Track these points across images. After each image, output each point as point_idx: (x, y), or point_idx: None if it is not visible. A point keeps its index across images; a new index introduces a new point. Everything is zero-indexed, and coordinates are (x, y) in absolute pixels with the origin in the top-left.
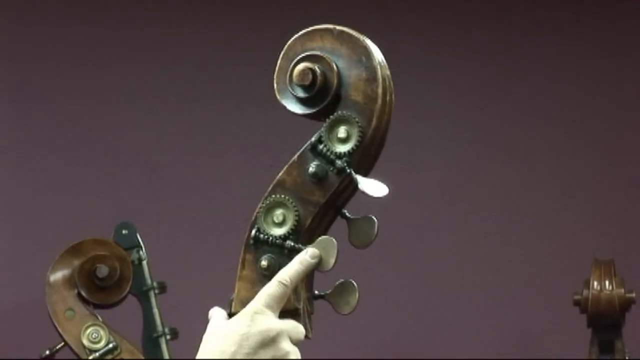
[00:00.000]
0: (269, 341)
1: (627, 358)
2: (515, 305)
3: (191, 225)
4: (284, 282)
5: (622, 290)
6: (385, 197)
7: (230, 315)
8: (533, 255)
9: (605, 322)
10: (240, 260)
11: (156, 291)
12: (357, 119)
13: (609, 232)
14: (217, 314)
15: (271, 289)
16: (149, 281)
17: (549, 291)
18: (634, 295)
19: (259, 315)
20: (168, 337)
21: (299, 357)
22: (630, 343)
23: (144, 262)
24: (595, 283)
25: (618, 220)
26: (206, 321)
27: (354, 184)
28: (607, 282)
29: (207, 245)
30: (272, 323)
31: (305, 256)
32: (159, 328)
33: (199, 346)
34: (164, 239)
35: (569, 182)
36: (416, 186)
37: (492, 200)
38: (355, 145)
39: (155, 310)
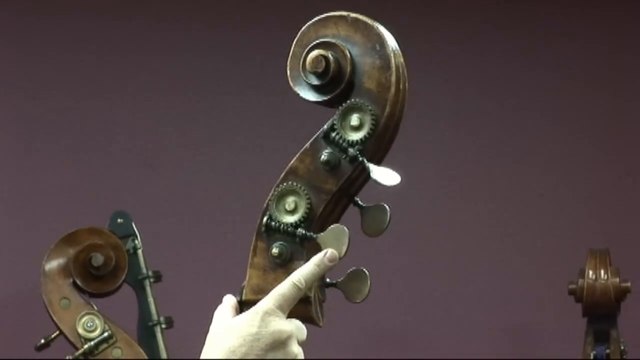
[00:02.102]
0: (280, 343)
1: (622, 348)
2: (510, 294)
3: (187, 214)
4: (299, 284)
5: (618, 280)
6: (397, 185)
7: (241, 303)
8: (529, 244)
9: (600, 311)
10: (252, 248)
11: (151, 280)
12: (370, 107)
13: (605, 221)
14: (225, 306)
15: (284, 289)
16: (144, 270)
17: (545, 281)
18: (629, 284)
19: (270, 317)
20: (163, 326)
21: (303, 358)
22: (626, 333)
23: (139, 251)
24: (591, 272)
25: (613, 210)
26: (201, 310)
27: (367, 172)
28: (602, 272)
29: (203, 234)
30: (284, 325)
31: (323, 258)
32: (154, 317)
33: (194, 335)
34: (159, 227)
35: (564, 172)
36: (415, 174)
37: (489, 191)
38: (368, 134)
39: (151, 299)
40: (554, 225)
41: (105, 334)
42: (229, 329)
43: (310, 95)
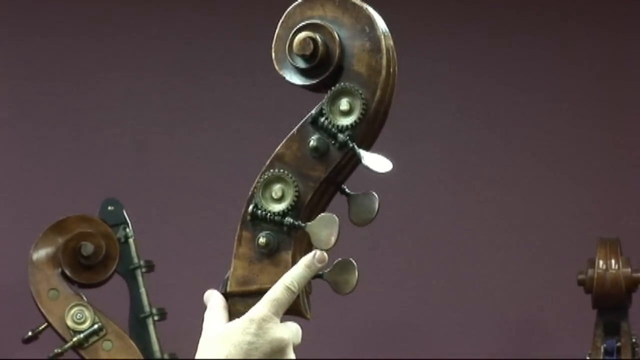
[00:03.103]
0: (278, 351)
1: (634, 340)
2: (519, 285)
3: (180, 202)
4: (292, 287)
5: (629, 270)
6: (388, 172)
7: (225, 295)
8: (537, 234)
9: (610, 303)
10: (237, 237)
11: (143, 270)
12: (360, 91)
13: (615, 211)
14: (216, 307)
15: (278, 294)
16: (136, 260)
17: (553, 271)
18: None
19: (267, 324)
20: (156, 317)
21: None
22: (637, 325)
23: (131, 240)
24: (601, 262)
25: (624, 199)
26: (194, 301)
27: (357, 158)
28: (612, 262)
29: (196, 222)
30: (282, 333)
31: (313, 260)
32: (147, 308)
33: (187, 327)
34: (152, 215)
35: (573, 160)
36: (416, 162)
37: (495, 179)
38: (359, 118)
39: (143, 290)
40: (563, 214)
41: (95, 326)
42: (224, 336)
43: (296, 79)
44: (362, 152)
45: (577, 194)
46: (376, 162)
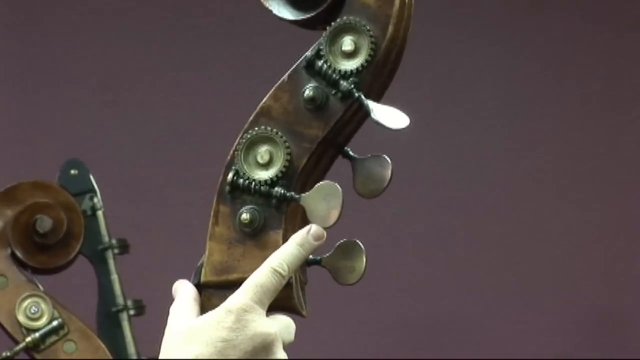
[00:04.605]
0: (262, 349)
1: None
2: (589, 278)
3: (159, 167)
4: (281, 271)
5: None
6: (405, 129)
7: (199, 286)
8: (610, 222)
9: None
10: (213, 214)
11: (115, 251)
12: (367, 27)
13: None
14: (184, 299)
15: (262, 278)
16: (106, 238)
17: (629, 263)
18: None
19: (248, 315)
20: (131, 312)
21: None
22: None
23: (100, 213)
24: None
25: None
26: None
27: (365, 112)
28: None
29: (182, 190)
30: (266, 326)
31: (307, 236)
32: (119, 300)
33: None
34: (125, 181)
35: None
36: (447, 118)
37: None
38: (366, 61)
39: (115, 277)
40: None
41: (55, 323)
42: (193, 332)
43: (287, 13)
44: (371, 104)
45: None
46: (389, 116)
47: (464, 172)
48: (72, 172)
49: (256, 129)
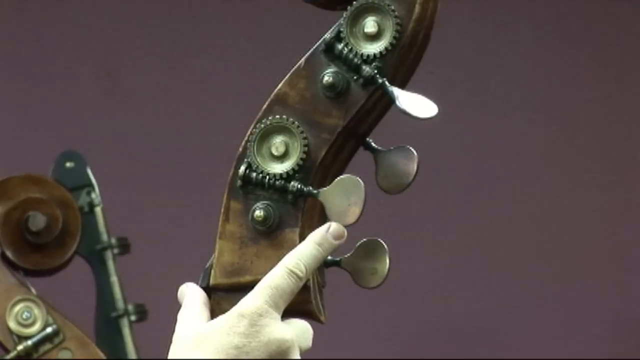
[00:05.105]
0: (276, 357)
1: None
2: (624, 279)
3: (163, 159)
4: (298, 272)
5: None
6: (432, 120)
7: (208, 289)
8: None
9: None
10: (223, 210)
11: (115, 251)
12: (392, 7)
13: None
14: (193, 304)
15: (278, 280)
16: (105, 236)
17: None
18: None
19: (263, 319)
20: (133, 317)
21: None
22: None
23: (98, 209)
24: None
25: None
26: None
27: (389, 99)
28: None
29: (185, 187)
30: (281, 332)
31: (326, 235)
32: (120, 304)
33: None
34: (126, 175)
35: None
36: (479, 106)
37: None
38: (390, 44)
39: (114, 279)
40: None
41: (49, 330)
42: (202, 339)
43: None
44: (396, 91)
45: None
46: (416, 104)
47: (494, 166)
48: (68, 164)
49: (270, 118)
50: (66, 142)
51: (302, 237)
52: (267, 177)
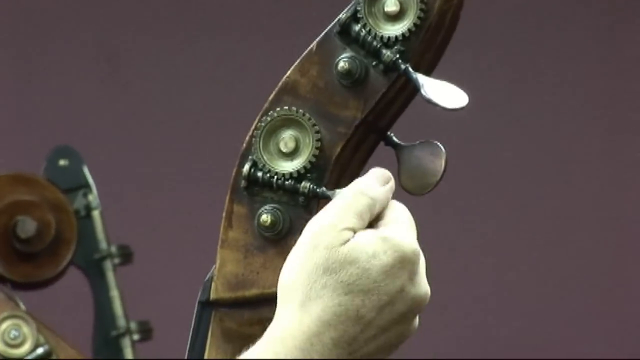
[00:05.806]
0: (412, 313)
1: None
2: None
3: (166, 157)
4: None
5: None
6: (461, 111)
7: (207, 304)
8: None
9: None
10: (225, 215)
11: (115, 261)
12: None
13: None
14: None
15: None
16: (103, 244)
17: None
18: None
19: (418, 269)
20: (135, 336)
21: None
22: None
23: (96, 213)
24: None
25: None
26: (194, 308)
27: (413, 88)
28: None
29: (191, 188)
30: (427, 286)
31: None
32: (121, 322)
33: (182, 348)
34: (126, 175)
35: None
36: (515, 95)
37: None
38: (414, 25)
39: (115, 293)
40: None
41: (40, 351)
42: (354, 257)
43: None
44: (421, 78)
45: None
46: (443, 93)
47: (532, 164)
48: (62, 162)
49: (278, 109)
50: (60, 137)
51: None
52: (275, 176)
